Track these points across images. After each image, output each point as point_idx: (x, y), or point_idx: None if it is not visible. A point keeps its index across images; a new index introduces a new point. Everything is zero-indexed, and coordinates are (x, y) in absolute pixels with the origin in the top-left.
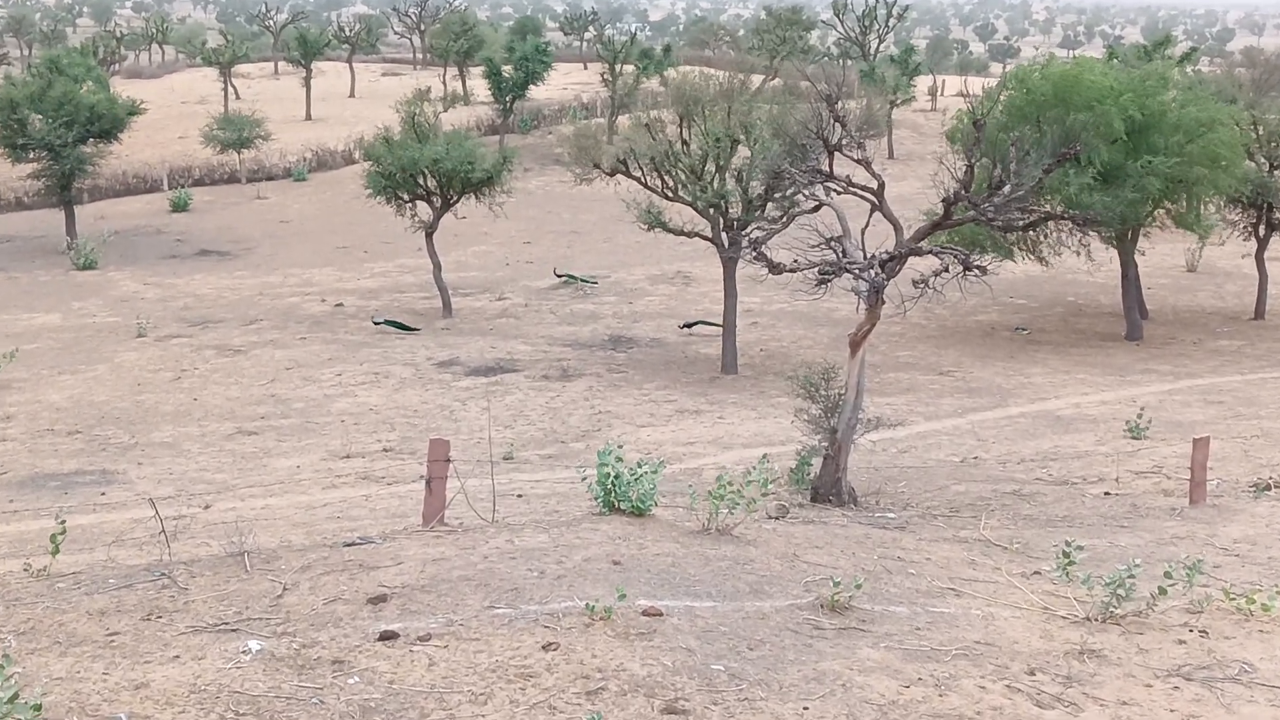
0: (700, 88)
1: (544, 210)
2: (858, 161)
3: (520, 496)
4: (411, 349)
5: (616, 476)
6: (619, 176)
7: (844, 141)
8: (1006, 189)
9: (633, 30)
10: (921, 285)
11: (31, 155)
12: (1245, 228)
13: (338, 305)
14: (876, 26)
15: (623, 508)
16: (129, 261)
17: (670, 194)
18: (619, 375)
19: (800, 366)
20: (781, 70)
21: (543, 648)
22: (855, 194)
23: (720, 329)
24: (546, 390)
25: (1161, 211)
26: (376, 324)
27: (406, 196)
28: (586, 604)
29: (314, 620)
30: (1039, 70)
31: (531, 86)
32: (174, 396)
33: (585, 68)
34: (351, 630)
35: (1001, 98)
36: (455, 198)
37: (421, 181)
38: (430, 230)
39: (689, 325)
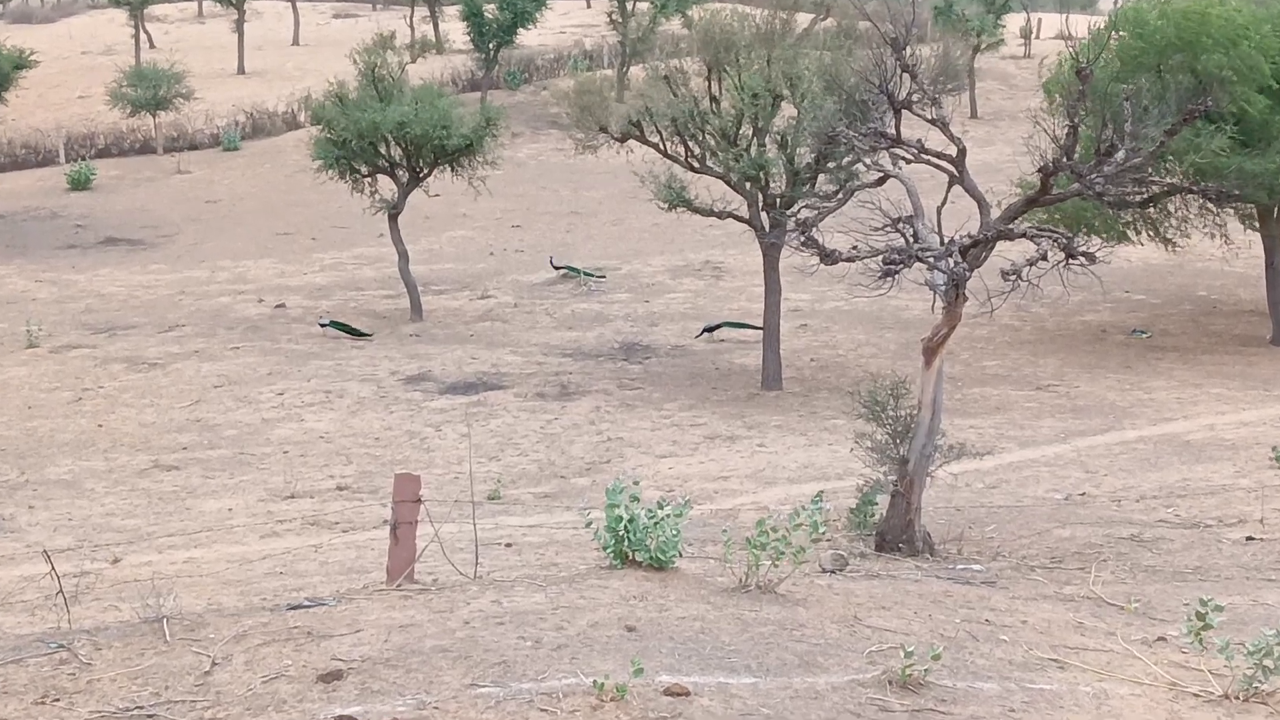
0: (733, 31)
1: (537, 186)
2: (932, 122)
3: (510, 546)
4: (372, 361)
5: (631, 520)
6: (631, 143)
7: (914, 97)
8: (1120, 155)
9: None
10: (1013, 277)
11: None
12: None
13: (279, 306)
14: None
15: (639, 559)
16: (16, 253)
17: (696, 164)
18: (633, 393)
19: (861, 380)
20: (835, 8)
21: None
22: (929, 163)
23: (758, 333)
24: (542, 412)
25: None
26: (322, 326)
27: (365, 170)
28: (594, 681)
29: (250, 703)
30: (1157, 7)
31: (521, 30)
32: (74, 423)
33: (589, 5)
34: (298, 716)
35: (1112, 41)
36: (426, 171)
37: (383, 151)
38: (395, 212)
39: (711, 329)
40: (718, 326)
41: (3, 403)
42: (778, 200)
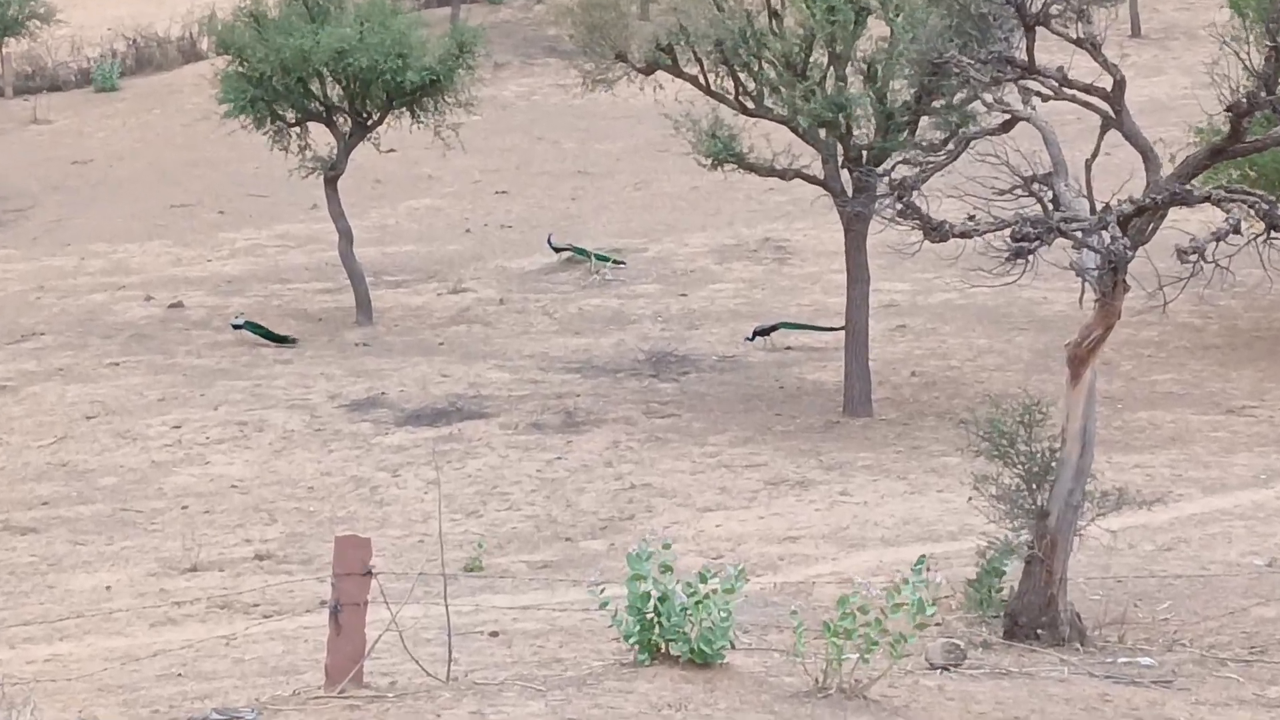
0: None
1: (530, 136)
2: (1078, 43)
3: (496, 636)
4: (304, 380)
5: (662, 599)
6: (660, 76)
7: (1054, 9)
8: None
9: None
10: (1193, 257)
11: None
12: None
13: (173, 306)
14: None
15: (674, 653)
16: None
17: (750, 104)
18: (665, 421)
19: (981, 403)
20: None
21: None
22: (1074, 100)
23: (834, 336)
24: (539, 449)
25: None
26: (235, 327)
27: (291, 116)
28: None
29: None
30: None
31: None
32: None
33: None
34: None
35: None
36: (376, 117)
37: (317, 90)
38: (334, 174)
39: (763, 332)
40: (772, 329)
41: None
42: (864, 154)
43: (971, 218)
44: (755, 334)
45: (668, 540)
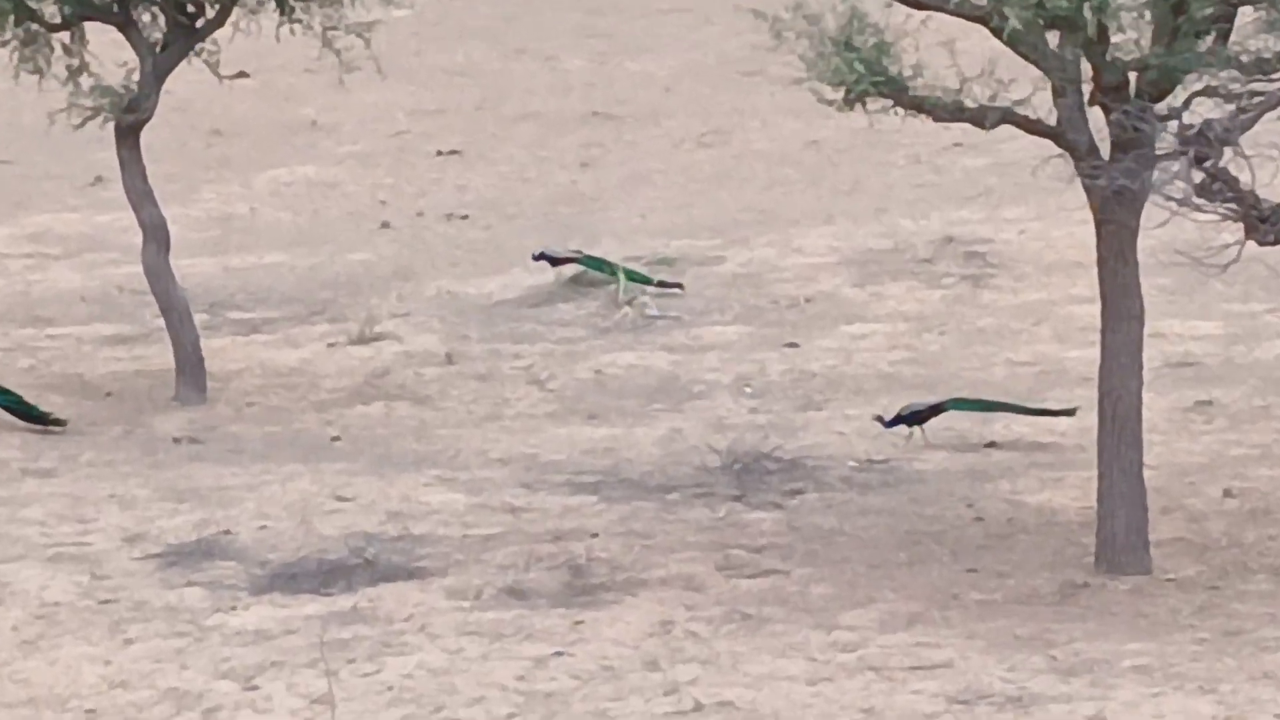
0: None
1: (501, 47)
2: None
3: None
4: (78, 505)
5: None
6: None
7: None
8: None
9: None
10: None
11: None
12: None
13: None
14: None
15: None
16: None
17: None
18: (757, 584)
19: None
20: None
21: None
22: None
23: (1071, 420)
24: (521, 638)
25: None
26: None
27: (53, 11)
28: None
29: None
30: None
31: None
32: None
33: None
34: None
35: None
36: (211, 11)
37: None
38: (133, 119)
39: (911, 418)
40: (930, 411)
41: None
42: (1132, 79)
43: None
44: (900, 420)
45: None
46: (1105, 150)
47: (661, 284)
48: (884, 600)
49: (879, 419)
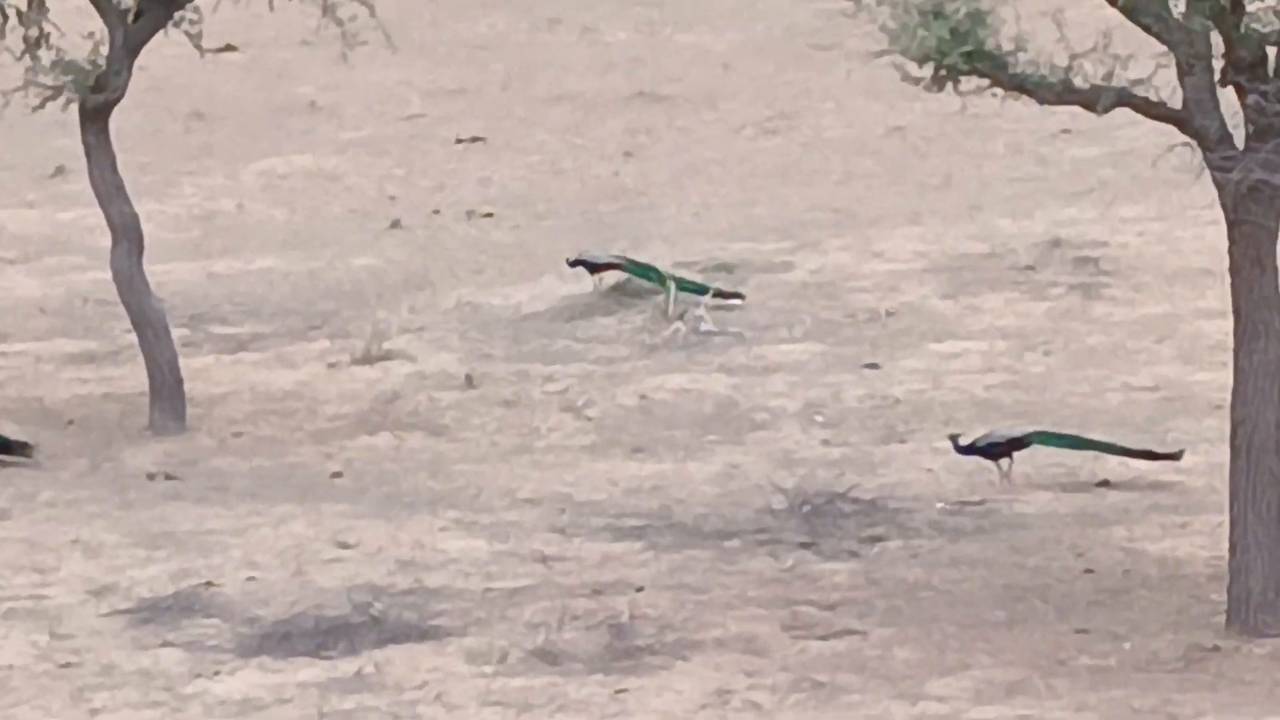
0: None
1: (532, 17)
2: None
3: None
4: (33, 551)
5: None
6: None
7: None
8: None
9: None
10: None
11: None
12: None
13: None
14: None
15: None
16: None
17: None
18: (830, 645)
19: None
20: None
21: None
22: None
23: (1172, 464)
24: (554, 708)
25: None
26: None
27: None
28: None
29: None
30: None
31: None
32: None
33: None
34: None
35: None
36: None
37: None
38: (102, 99)
39: (994, 450)
40: (1007, 446)
41: None
42: (1268, 59)
43: None
44: (974, 450)
45: None
46: (1239, 139)
47: (719, 294)
48: (979, 666)
49: (954, 440)
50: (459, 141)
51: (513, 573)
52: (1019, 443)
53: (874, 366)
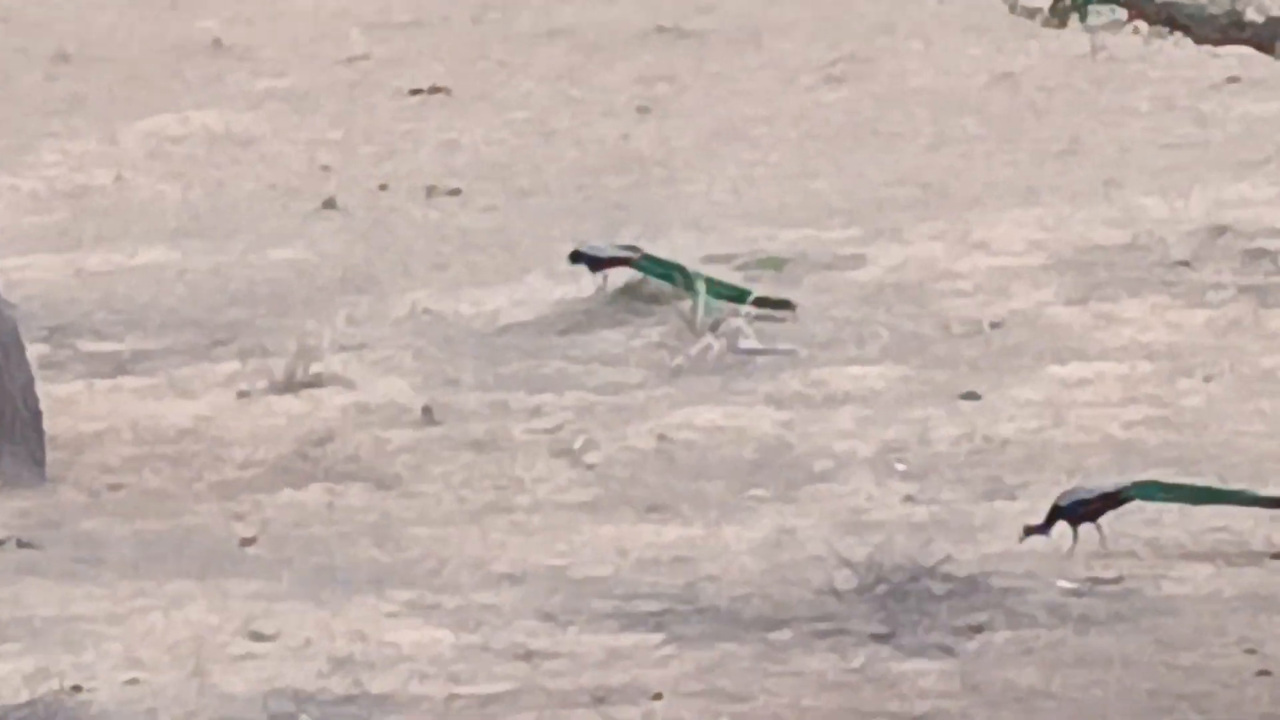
0: None
1: None
2: None
3: None
4: None
5: None
6: None
7: None
8: None
9: None
10: None
11: None
12: None
13: None
14: None
15: None
16: None
17: None
18: None
19: None
20: None
21: None
22: None
23: None
24: None
25: None
26: None
27: None
28: None
29: None
30: None
31: None
32: None
33: None
34: None
35: None
36: None
37: None
38: None
39: (1076, 508)
40: (1099, 503)
41: None
42: None
43: None
44: (1057, 517)
45: None
46: None
47: (762, 302)
48: None
49: (1028, 530)
50: (414, 93)
51: (486, 674)
52: (1114, 498)
53: (974, 397)
